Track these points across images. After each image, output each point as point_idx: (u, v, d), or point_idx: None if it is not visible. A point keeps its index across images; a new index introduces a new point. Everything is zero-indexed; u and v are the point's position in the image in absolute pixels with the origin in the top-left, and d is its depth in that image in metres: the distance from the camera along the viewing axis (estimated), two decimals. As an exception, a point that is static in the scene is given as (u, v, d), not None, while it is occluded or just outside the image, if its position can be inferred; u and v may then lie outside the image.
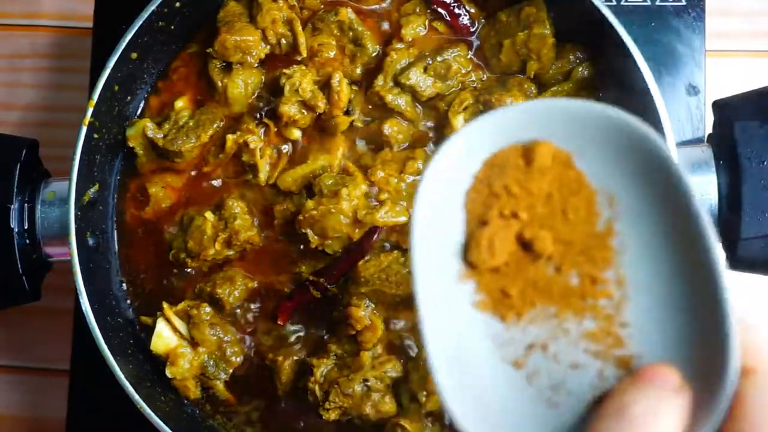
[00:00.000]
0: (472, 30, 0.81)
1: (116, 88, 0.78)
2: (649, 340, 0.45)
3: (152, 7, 0.76)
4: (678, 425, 0.40)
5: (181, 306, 0.78)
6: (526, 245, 0.47)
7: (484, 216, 0.47)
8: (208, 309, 0.77)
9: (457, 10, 0.80)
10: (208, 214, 0.78)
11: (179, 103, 0.82)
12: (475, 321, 0.47)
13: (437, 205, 0.47)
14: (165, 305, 0.78)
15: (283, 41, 0.80)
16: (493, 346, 0.47)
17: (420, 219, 0.46)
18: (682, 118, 0.85)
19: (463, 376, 0.45)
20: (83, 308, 0.73)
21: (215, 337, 0.78)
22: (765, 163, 0.69)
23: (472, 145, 0.47)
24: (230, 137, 0.79)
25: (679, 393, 0.41)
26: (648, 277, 0.45)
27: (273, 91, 0.80)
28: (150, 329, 0.78)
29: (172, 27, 0.80)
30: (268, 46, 0.80)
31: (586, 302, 0.46)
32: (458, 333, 0.46)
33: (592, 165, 0.47)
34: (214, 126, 0.80)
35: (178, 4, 0.78)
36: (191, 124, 0.80)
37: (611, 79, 0.76)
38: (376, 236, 0.76)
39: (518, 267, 0.47)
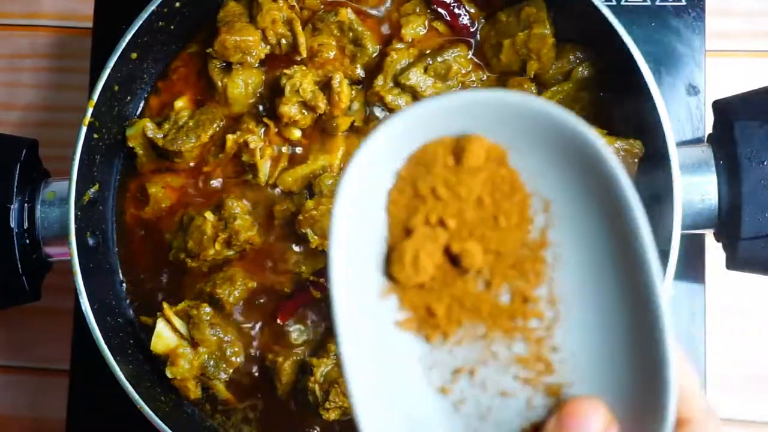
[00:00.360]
0: (472, 30, 0.81)
1: (116, 88, 0.78)
2: (580, 367, 0.42)
3: (152, 7, 0.76)
4: None
5: (181, 306, 0.78)
6: (453, 258, 0.43)
7: (408, 222, 0.43)
8: (208, 309, 0.77)
9: (457, 10, 0.80)
10: (208, 215, 0.78)
11: (179, 103, 0.82)
12: (399, 342, 0.43)
13: (357, 209, 0.42)
14: (165, 305, 0.78)
15: (283, 41, 0.80)
16: (419, 370, 0.43)
17: (338, 225, 0.42)
18: (682, 118, 0.85)
19: (386, 405, 0.42)
20: (83, 308, 0.73)
21: (215, 337, 0.78)
22: (765, 162, 0.68)
23: (396, 137, 0.43)
24: (230, 137, 0.79)
25: None
26: (582, 298, 0.42)
27: (273, 91, 0.80)
28: (150, 329, 0.78)
29: (172, 27, 0.80)
30: (268, 47, 0.80)
31: (515, 323, 0.43)
32: (380, 356, 0.43)
33: (527, 164, 0.43)
34: (214, 126, 0.80)
35: (177, 4, 0.78)
36: (191, 124, 0.80)
37: (611, 79, 0.76)
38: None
39: (445, 281, 0.43)
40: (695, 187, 0.71)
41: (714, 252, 0.84)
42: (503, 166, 0.43)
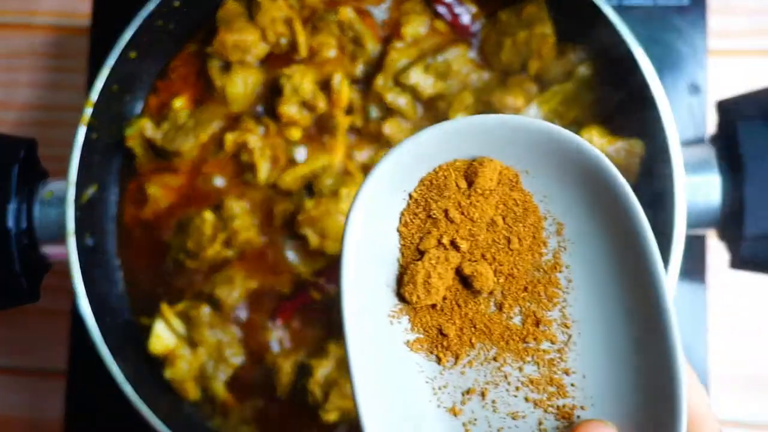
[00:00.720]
0: (472, 29, 0.81)
1: (115, 87, 0.78)
2: (593, 391, 0.42)
3: (151, 6, 0.76)
4: None
5: (180, 306, 0.78)
6: (465, 280, 0.43)
7: (421, 244, 0.44)
8: (207, 310, 0.77)
9: (457, 9, 0.80)
10: (207, 215, 0.78)
11: (178, 103, 0.82)
12: (410, 363, 0.44)
13: (369, 230, 0.43)
14: (163, 306, 0.77)
15: (283, 40, 0.80)
16: (429, 391, 0.44)
17: (350, 246, 0.42)
18: (684, 118, 0.85)
19: (395, 426, 0.42)
20: (81, 309, 0.73)
21: (214, 338, 0.77)
22: (768, 161, 0.69)
23: (408, 160, 0.43)
24: (229, 137, 0.78)
25: None
26: (595, 321, 0.43)
27: (273, 90, 0.80)
28: (149, 330, 0.77)
29: (171, 26, 0.80)
30: (268, 46, 0.80)
31: (527, 345, 0.43)
32: (389, 377, 0.43)
33: (540, 187, 0.44)
34: (213, 125, 0.80)
35: (177, 3, 0.78)
36: (190, 123, 0.80)
37: (613, 78, 0.75)
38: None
39: (456, 303, 0.44)
40: (698, 187, 0.70)
41: (715, 252, 0.83)
42: (516, 189, 0.44)
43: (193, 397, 0.77)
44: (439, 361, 0.44)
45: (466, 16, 0.80)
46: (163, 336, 0.77)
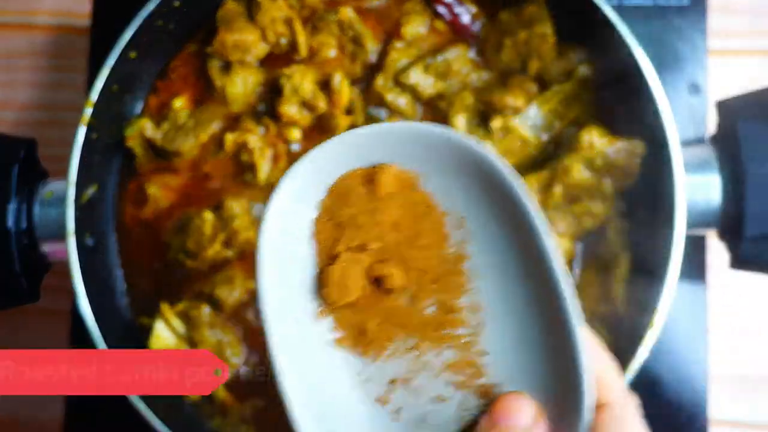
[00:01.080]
0: (472, 29, 0.81)
1: (115, 87, 0.78)
2: (507, 368, 0.45)
3: (151, 6, 0.76)
4: None
5: (180, 306, 0.78)
6: (377, 279, 0.46)
7: (333, 249, 0.46)
8: (207, 310, 0.77)
9: (457, 9, 0.80)
10: (207, 214, 0.77)
11: (178, 103, 0.82)
12: (336, 360, 0.46)
13: (284, 239, 0.46)
14: (163, 306, 0.77)
15: (283, 40, 0.80)
16: (355, 385, 0.46)
17: (264, 255, 0.45)
18: (684, 118, 0.85)
19: (326, 422, 0.45)
20: (81, 309, 0.73)
21: (214, 338, 0.77)
22: (769, 162, 0.68)
23: (316, 170, 0.46)
24: (229, 137, 0.78)
25: (535, 426, 0.42)
26: (501, 303, 0.45)
27: (273, 90, 0.80)
28: (149, 330, 0.77)
29: (171, 26, 0.80)
30: (268, 46, 0.80)
31: (443, 332, 0.46)
32: (318, 375, 0.46)
33: (438, 186, 0.47)
34: (213, 125, 0.80)
35: (177, 3, 0.78)
36: (190, 123, 0.80)
37: (613, 78, 0.75)
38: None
39: (373, 300, 0.46)
40: (698, 188, 0.70)
41: (715, 252, 0.83)
42: (416, 190, 0.47)
43: (193, 397, 0.77)
44: (362, 355, 0.47)
45: (466, 16, 0.80)
46: (163, 336, 0.77)
